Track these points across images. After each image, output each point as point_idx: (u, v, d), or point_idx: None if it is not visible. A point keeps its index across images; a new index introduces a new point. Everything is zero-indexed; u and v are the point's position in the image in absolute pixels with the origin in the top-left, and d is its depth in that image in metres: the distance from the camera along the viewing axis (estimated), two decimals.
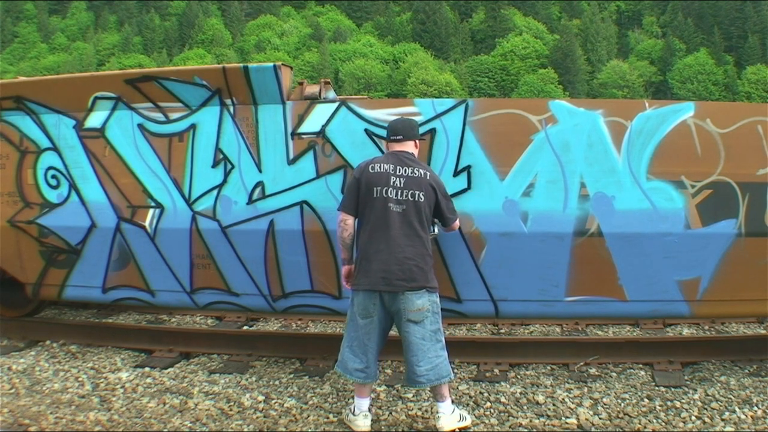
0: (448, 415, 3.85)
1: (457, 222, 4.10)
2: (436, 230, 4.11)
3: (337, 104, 4.80)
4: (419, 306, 3.74)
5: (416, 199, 3.78)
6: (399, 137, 3.98)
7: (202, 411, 4.25)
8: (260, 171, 4.89)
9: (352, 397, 4.14)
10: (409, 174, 3.82)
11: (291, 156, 4.83)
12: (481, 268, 4.62)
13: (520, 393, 4.47)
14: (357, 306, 3.87)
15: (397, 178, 3.81)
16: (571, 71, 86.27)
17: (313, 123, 4.80)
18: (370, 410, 3.99)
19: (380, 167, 3.85)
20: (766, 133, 4.51)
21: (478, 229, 4.55)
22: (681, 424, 3.93)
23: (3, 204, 5.43)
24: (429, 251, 3.85)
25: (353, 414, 3.93)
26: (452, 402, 3.96)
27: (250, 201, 4.89)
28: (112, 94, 5.13)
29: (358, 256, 3.88)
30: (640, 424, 3.94)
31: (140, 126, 5.11)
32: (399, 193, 3.78)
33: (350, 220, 3.91)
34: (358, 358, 3.89)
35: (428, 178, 3.85)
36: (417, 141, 4.08)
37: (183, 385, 4.74)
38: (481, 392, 4.48)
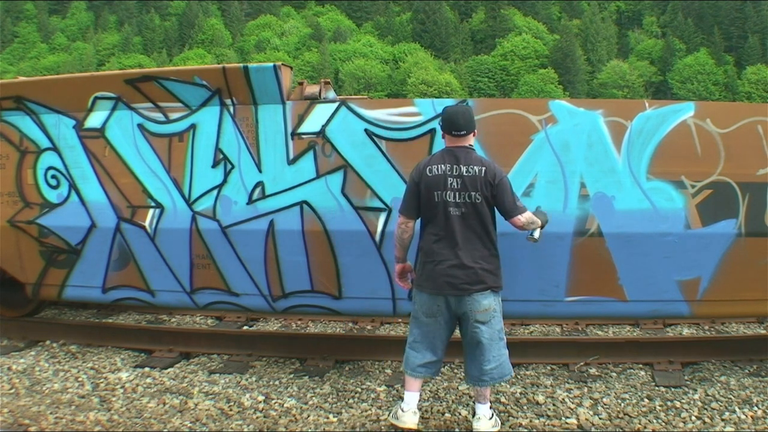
0: (487, 419, 3.79)
1: (522, 218, 3.74)
2: (536, 235, 3.89)
3: (337, 104, 4.80)
4: (485, 306, 3.68)
5: (474, 200, 3.65)
6: (462, 132, 3.74)
7: (202, 411, 4.25)
8: (260, 171, 4.89)
9: (401, 398, 4.05)
10: (464, 173, 3.66)
11: (291, 156, 4.83)
12: None
13: (520, 393, 4.47)
14: (420, 305, 3.81)
15: (454, 179, 3.67)
16: (571, 71, 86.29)
17: (313, 123, 4.80)
18: (419, 407, 3.93)
19: (438, 168, 3.70)
20: (766, 133, 4.51)
21: None
22: (681, 424, 3.92)
23: (3, 204, 5.44)
24: (494, 251, 3.74)
25: (402, 410, 3.83)
26: (491, 407, 3.91)
27: (250, 201, 4.89)
28: (112, 94, 5.13)
29: (421, 258, 3.80)
30: (640, 424, 3.94)
31: (140, 126, 5.11)
32: (457, 196, 3.65)
33: (411, 223, 3.83)
34: (420, 353, 3.82)
35: (484, 174, 3.66)
36: (475, 131, 3.85)
37: (183, 385, 4.74)
38: None
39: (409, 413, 3.81)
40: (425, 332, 3.81)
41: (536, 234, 3.90)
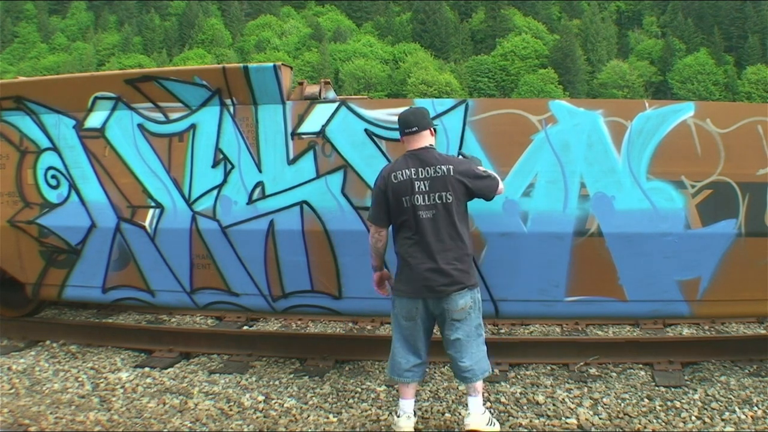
0: (479, 414, 3.78)
1: (501, 186, 3.88)
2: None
3: (337, 104, 4.79)
4: (462, 305, 3.70)
5: (444, 200, 3.64)
6: (414, 129, 3.75)
7: (202, 411, 4.25)
8: (260, 171, 4.89)
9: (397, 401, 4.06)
10: (432, 174, 3.66)
11: (291, 156, 4.83)
12: (481, 268, 4.62)
13: (520, 393, 4.47)
14: (400, 309, 3.82)
15: (421, 182, 3.65)
16: (571, 71, 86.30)
17: (313, 123, 4.80)
18: (414, 413, 3.94)
19: (402, 174, 3.68)
20: (766, 133, 4.51)
21: (478, 229, 4.54)
22: (681, 424, 3.92)
23: (3, 204, 5.43)
24: (468, 250, 3.74)
25: (397, 416, 3.88)
26: (483, 404, 3.91)
27: (250, 201, 4.89)
28: (112, 94, 5.13)
29: (398, 263, 3.80)
30: (640, 424, 3.94)
31: (140, 126, 5.10)
32: (426, 198, 3.64)
33: (383, 232, 3.84)
34: (404, 358, 3.85)
35: (452, 172, 3.66)
36: (432, 129, 3.86)
37: (183, 385, 4.74)
38: None
39: (403, 418, 3.84)
40: (406, 336, 3.84)
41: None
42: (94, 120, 5.20)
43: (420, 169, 3.69)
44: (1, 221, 5.42)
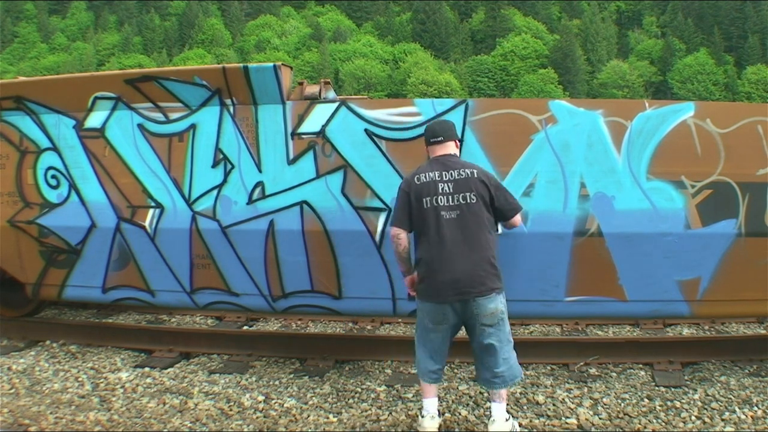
0: (502, 421, 3.71)
1: (518, 218, 3.82)
2: (500, 229, 3.94)
3: (337, 104, 4.80)
4: (492, 310, 3.62)
5: (468, 201, 3.62)
6: (439, 138, 3.79)
7: (202, 411, 4.25)
8: (260, 171, 4.89)
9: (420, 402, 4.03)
10: (456, 177, 3.66)
11: (291, 156, 4.83)
12: None
13: (520, 393, 4.47)
14: (426, 314, 3.75)
15: (445, 184, 3.65)
16: (571, 71, 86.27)
17: (313, 123, 4.80)
18: (439, 413, 3.93)
19: (426, 176, 3.69)
20: (766, 133, 4.51)
21: None
22: (681, 424, 3.92)
23: (3, 204, 5.44)
24: (493, 252, 3.67)
25: (421, 416, 3.84)
26: (507, 410, 3.85)
27: (250, 201, 4.89)
28: (112, 94, 5.13)
29: (421, 268, 3.72)
30: (640, 424, 3.94)
31: (140, 126, 5.11)
32: (450, 199, 3.63)
33: (403, 234, 3.77)
34: (433, 360, 3.81)
35: (476, 175, 3.67)
36: (457, 141, 3.91)
37: (183, 385, 4.74)
38: (481, 392, 4.47)
39: (427, 418, 3.80)
40: (433, 339, 3.78)
41: (500, 228, 3.97)
42: (94, 120, 5.20)
43: (444, 172, 3.69)
44: (1, 221, 5.42)
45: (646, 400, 4.30)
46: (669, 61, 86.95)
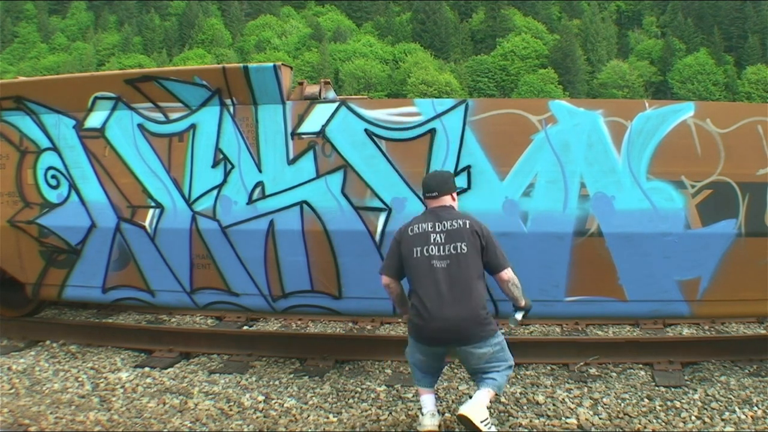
0: (478, 407, 3.60)
1: (509, 272, 3.77)
2: (519, 317, 3.91)
3: (337, 104, 4.80)
4: (481, 354, 3.67)
5: (459, 251, 3.65)
6: (434, 194, 3.84)
7: (202, 411, 4.25)
8: (260, 171, 4.89)
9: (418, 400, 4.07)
10: (449, 227, 3.70)
11: (291, 156, 4.84)
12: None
13: (520, 393, 4.46)
14: (416, 348, 3.82)
15: (437, 234, 3.70)
16: (571, 71, 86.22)
17: (313, 123, 4.80)
18: (439, 411, 3.96)
19: (419, 228, 3.75)
20: (766, 133, 4.51)
21: None
22: (681, 424, 3.92)
23: (3, 204, 5.44)
24: (483, 302, 3.70)
25: (421, 414, 3.86)
26: (488, 408, 3.82)
27: (250, 201, 4.89)
28: (112, 94, 5.13)
29: (412, 311, 3.75)
30: (640, 424, 3.94)
31: (140, 126, 5.11)
32: (441, 249, 3.67)
33: (393, 283, 3.87)
34: (427, 375, 3.89)
35: (468, 226, 3.71)
36: (454, 194, 3.91)
37: (183, 385, 4.74)
38: None
39: (427, 416, 3.82)
40: (424, 363, 3.86)
41: (519, 316, 3.91)
42: (94, 120, 5.20)
43: (437, 223, 3.74)
44: (1, 221, 5.42)
45: (646, 400, 4.30)
46: (669, 61, 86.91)
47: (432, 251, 3.68)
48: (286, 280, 4.98)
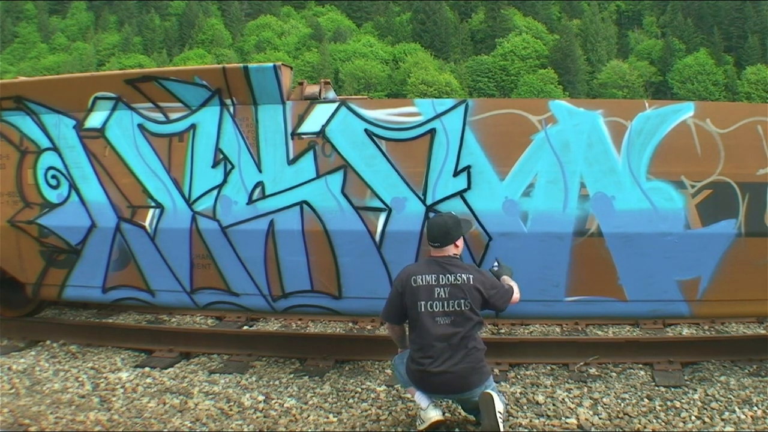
0: (500, 399, 3.75)
1: (516, 297, 3.94)
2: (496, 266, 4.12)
3: (337, 104, 4.80)
4: (476, 395, 3.74)
5: (462, 308, 3.72)
6: (437, 244, 3.86)
7: (202, 411, 4.25)
8: (260, 171, 4.89)
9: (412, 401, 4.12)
10: (453, 282, 3.74)
11: (291, 156, 4.84)
12: (481, 267, 4.62)
13: (520, 393, 4.47)
14: (412, 383, 3.90)
15: (441, 289, 3.73)
16: (571, 71, 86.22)
17: (313, 123, 4.80)
18: (436, 403, 3.99)
19: (422, 279, 3.77)
20: (766, 133, 4.51)
21: (478, 229, 4.54)
22: (681, 424, 3.93)
23: (3, 204, 5.44)
24: (481, 351, 3.79)
25: (423, 409, 3.88)
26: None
27: (250, 201, 4.89)
28: (112, 94, 5.13)
29: (412, 356, 3.82)
30: (640, 424, 3.94)
31: (140, 126, 5.11)
32: (445, 305, 3.71)
33: (396, 327, 4.02)
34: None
35: (472, 282, 3.75)
36: (457, 243, 3.90)
37: (183, 385, 4.74)
38: None
39: (429, 408, 3.85)
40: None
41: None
42: (95, 120, 5.20)
43: (441, 276, 3.76)
44: (1, 221, 5.42)
45: (646, 400, 4.30)
46: (669, 61, 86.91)
47: (435, 307, 3.73)
48: (286, 280, 4.98)
